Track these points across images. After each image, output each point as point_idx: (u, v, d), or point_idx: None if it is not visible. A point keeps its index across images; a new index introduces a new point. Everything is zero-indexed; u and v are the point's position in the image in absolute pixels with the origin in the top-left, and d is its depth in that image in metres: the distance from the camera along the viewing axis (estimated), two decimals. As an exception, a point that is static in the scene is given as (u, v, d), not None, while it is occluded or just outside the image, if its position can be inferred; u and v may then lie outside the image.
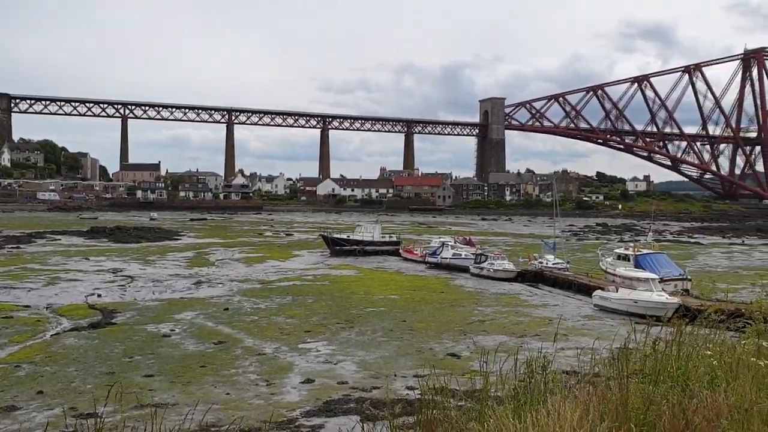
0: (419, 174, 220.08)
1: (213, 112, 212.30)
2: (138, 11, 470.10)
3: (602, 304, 33.96)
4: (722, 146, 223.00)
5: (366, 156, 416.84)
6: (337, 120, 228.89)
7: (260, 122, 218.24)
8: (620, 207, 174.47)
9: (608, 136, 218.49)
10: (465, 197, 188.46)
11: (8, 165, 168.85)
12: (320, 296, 36.57)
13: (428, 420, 5.44)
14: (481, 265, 47.20)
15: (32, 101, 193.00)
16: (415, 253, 59.28)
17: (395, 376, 20.21)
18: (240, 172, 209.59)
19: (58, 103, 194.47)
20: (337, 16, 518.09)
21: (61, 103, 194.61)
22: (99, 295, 35.42)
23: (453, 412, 5.61)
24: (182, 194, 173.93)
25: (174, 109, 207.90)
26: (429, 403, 5.65)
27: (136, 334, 26.08)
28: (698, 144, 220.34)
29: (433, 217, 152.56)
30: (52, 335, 25.64)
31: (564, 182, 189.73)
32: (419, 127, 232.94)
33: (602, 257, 46.27)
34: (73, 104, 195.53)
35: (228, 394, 18.36)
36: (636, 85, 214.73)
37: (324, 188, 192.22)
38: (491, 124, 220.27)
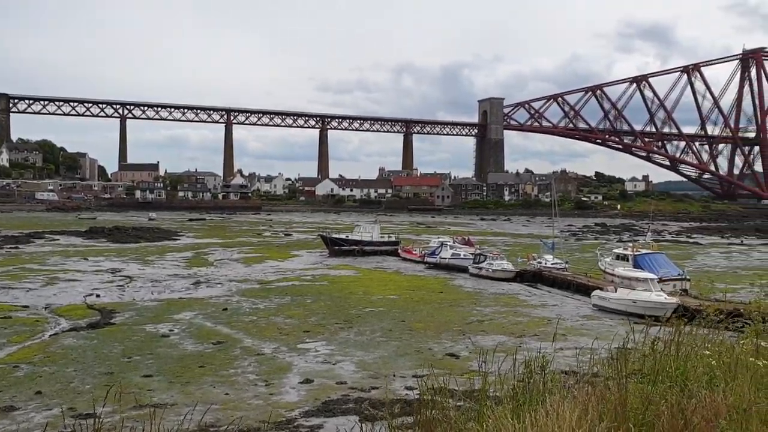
0: (418, 174, 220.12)
1: (212, 112, 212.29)
2: (138, 11, 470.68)
3: (601, 304, 33.96)
4: (721, 146, 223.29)
5: (365, 156, 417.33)
6: (336, 120, 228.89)
7: (259, 122, 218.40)
8: (619, 207, 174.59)
9: (607, 136, 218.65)
10: (464, 197, 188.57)
11: (7, 165, 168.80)
12: (319, 296, 36.55)
13: (427, 420, 5.45)
14: (480, 265, 47.21)
15: (31, 101, 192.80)
16: (413, 253, 59.24)
17: (394, 376, 20.20)
18: (239, 172, 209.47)
19: (56, 103, 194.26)
20: (337, 16, 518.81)
21: (60, 103, 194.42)
22: (98, 296, 35.38)
23: (452, 412, 5.61)
24: (181, 194, 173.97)
25: (173, 109, 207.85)
26: (428, 403, 5.65)
27: (134, 334, 26.05)
28: (697, 144, 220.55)
29: (432, 217, 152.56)
30: (50, 335, 25.62)
31: (563, 182, 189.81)
32: (418, 127, 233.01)
33: (601, 257, 46.31)
34: (71, 104, 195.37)
35: (227, 394, 18.35)
36: (635, 85, 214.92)
37: (323, 188, 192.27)
38: (490, 124, 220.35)
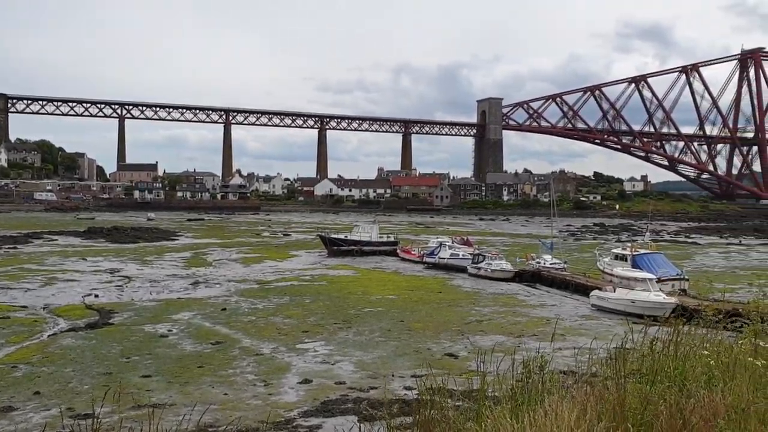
0: (417, 174, 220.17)
1: (210, 112, 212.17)
2: (138, 11, 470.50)
3: (599, 304, 33.98)
4: (719, 146, 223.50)
5: (363, 156, 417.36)
6: (335, 120, 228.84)
7: (258, 122, 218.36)
8: (617, 207, 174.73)
9: (605, 136, 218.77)
10: (462, 197, 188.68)
11: (5, 165, 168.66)
12: (318, 296, 36.53)
13: (426, 420, 5.44)
14: (479, 265, 47.23)
15: (29, 101, 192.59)
16: (412, 253, 59.24)
17: (393, 376, 20.20)
18: (237, 172, 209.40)
19: (55, 103, 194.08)
20: (337, 16, 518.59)
21: (58, 103, 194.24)
22: (96, 296, 35.36)
23: (450, 412, 5.61)
24: (179, 194, 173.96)
25: (171, 109, 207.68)
26: (426, 403, 5.65)
27: (133, 334, 26.04)
28: (695, 144, 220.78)
29: (431, 217, 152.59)
30: (49, 336, 25.60)
31: (561, 182, 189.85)
32: (417, 128, 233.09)
33: (599, 257, 46.31)
34: (70, 104, 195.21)
35: (226, 394, 18.34)
36: (633, 85, 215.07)
37: (321, 188, 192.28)
38: (489, 125, 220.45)
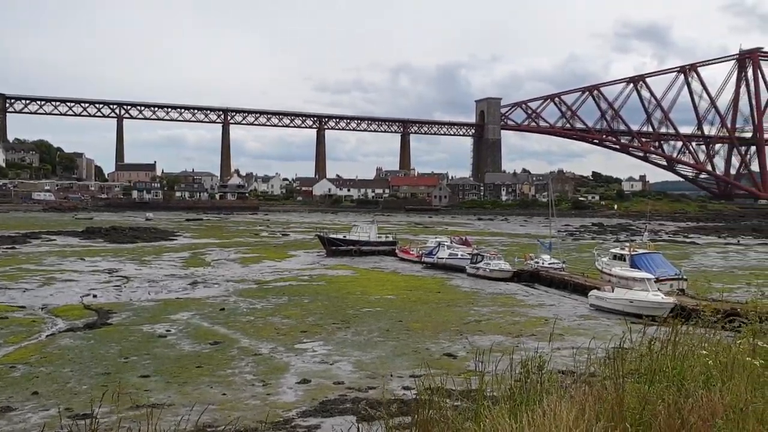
0: (415, 174, 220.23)
1: (209, 112, 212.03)
2: (138, 11, 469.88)
3: (598, 304, 34.00)
4: (717, 146, 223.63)
5: (362, 156, 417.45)
6: (333, 120, 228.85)
7: (256, 122, 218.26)
8: (616, 207, 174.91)
9: (604, 136, 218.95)
10: (461, 197, 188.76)
11: (3, 165, 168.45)
12: (316, 296, 36.51)
13: (424, 420, 5.44)
14: (478, 265, 47.23)
15: (27, 101, 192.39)
16: (411, 253, 59.23)
17: (391, 376, 20.20)
18: (236, 172, 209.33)
19: (53, 103, 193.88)
20: (337, 16, 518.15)
21: (57, 103, 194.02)
22: (94, 296, 35.31)
23: (449, 412, 5.61)
24: (178, 194, 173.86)
25: (169, 109, 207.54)
26: (425, 403, 5.65)
27: (131, 334, 26.01)
28: (694, 144, 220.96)
29: (430, 217, 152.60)
30: (47, 336, 25.56)
31: (560, 182, 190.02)
32: (415, 127, 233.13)
33: (598, 257, 46.30)
34: (68, 104, 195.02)
35: (224, 394, 18.33)
36: (632, 85, 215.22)
37: (320, 188, 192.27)
38: (487, 124, 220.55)
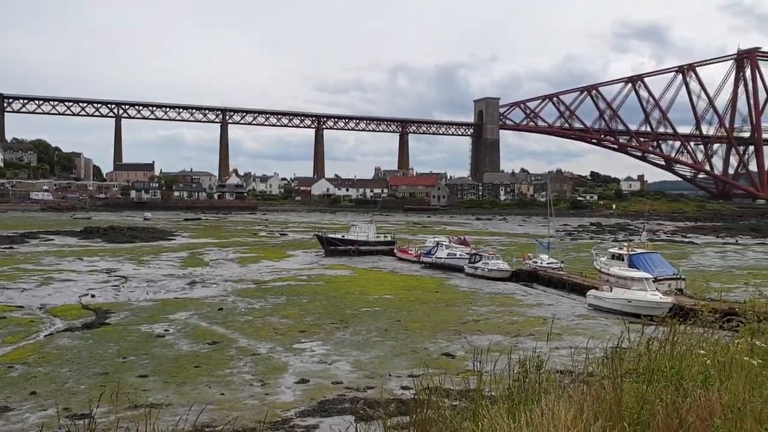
0: (414, 174, 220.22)
1: (207, 111, 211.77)
2: (138, 11, 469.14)
3: (596, 304, 34.02)
4: (716, 146, 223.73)
5: (361, 156, 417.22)
6: (332, 120, 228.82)
7: (254, 122, 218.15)
8: (614, 207, 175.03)
9: (602, 136, 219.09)
10: (460, 197, 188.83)
11: (1, 165, 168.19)
12: (315, 296, 36.51)
13: (423, 420, 5.44)
14: (476, 265, 47.25)
15: (25, 101, 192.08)
16: (409, 252, 59.25)
17: (390, 376, 20.21)
18: (234, 171, 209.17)
19: (51, 102, 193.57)
20: (337, 16, 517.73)
21: (55, 102, 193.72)
22: (93, 296, 35.28)
23: (447, 411, 5.61)
24: (176, 194, 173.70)
25: (168, 109, 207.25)
26: (423, 402, 5.64)
27: (130, 334, 25.99)
28: (692, 144, 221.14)
29: (428, 216, 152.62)
30: (45, 336, 25.54)
31: (558, 182, 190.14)
32: (414, 127, 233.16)
33: (596, 257, 46.30)
34: (66, 104, 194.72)
35: (222, 394, 18.32)
36: (630, 85, 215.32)
37: (319, 188, 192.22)
38: (486, 124, 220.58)
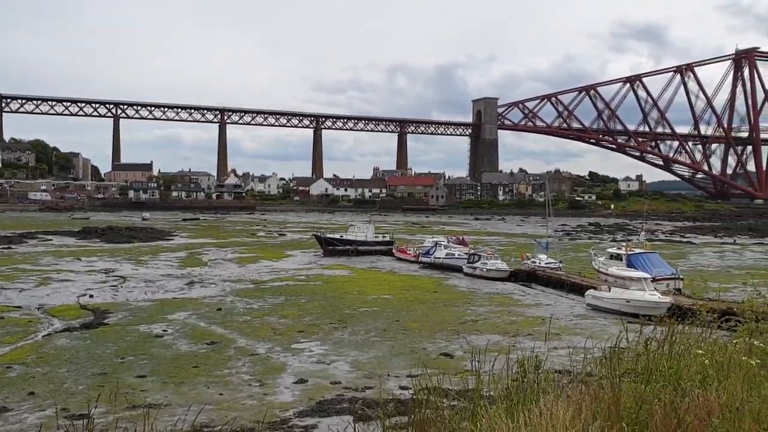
0: (412, 174, 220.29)
1: (205, 111, 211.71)
2: (138, 11, 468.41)
3: (595, 304, 34.03)
4: (714, 146, 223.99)
5: (359, 156, 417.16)
6: (330, 120, 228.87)
7: (253, 122, 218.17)
8: (612, 207, 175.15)
9: (600, 136, 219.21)
10: (458, 197, 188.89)
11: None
12: (313, 296, 36.49)
13: (421, 420, 5.44)
14: (474, 265, 47.25)
15: (24, 101, 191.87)
16: (408, 252, 59.27)
17: (388, 376, 20.20)
18: (233, 172, 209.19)
19: (49, 102, 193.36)
20: (337, 16, 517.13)
21: (53, 102, 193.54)
22: (91, 296, 35.24)
23: (446, 411, 5.61)
24: (174, 194, 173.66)
25: (166, 109, 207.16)
26: (422, 402, 5.64)
27: (128, 334, 25.96)
28: (690, 144, 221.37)
29: (426, 216, 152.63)
30: (43, 336, 25.50)
31: (556, 182, 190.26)
32: (412, 127, 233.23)
33: (595, 257, 46.33)
34: (64, 104, 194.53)
35: (221, 394, 18.30)
36: (628, 85, 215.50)
37: (317, 188, 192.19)
38: (484, 124, 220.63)
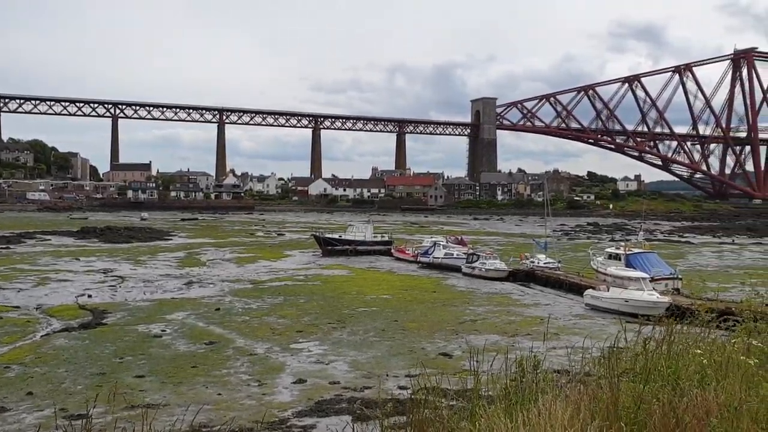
0: (411, 174, 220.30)
1: (204, 111, 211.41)
2: (137, 11, 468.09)
3: (593, 303, 34.05)
4: (712, 146, 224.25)
5: (358, 156, 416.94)
6: (329, 120, 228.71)
7: (251, 122, 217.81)
8: (611, 206, 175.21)
9: (599, 136, 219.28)
10: (457, 197, 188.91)
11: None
12: (312, 296, 36.49)
13: (420, 420, 5.44)
14: (473, 265, 47.26)
15: (22, 101, 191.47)
16: (407, 252, 59.30)
17: (387, 375, 20.19)
18: (231, 171, 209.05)
19: (48, 102, 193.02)
20: (337, 16, 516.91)
21: (51, 102, 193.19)
22: (89, 296, 35.20)
23: (444, 411, 5.61)
24: (173, 194, 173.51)
25: (165, 109, 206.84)
26: (420, 402, 5.64)
27: (126, 334, 25.95)
28: (689, 144, 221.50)
29: (425, 216, 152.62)
30: (42, 336, 25.48)
31: (555, 182, 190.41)
32: (411, 127, 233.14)
33: (593, 256, 46.38)
34: (63, 104, 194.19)
35: (219, 394, 18.30)
36: (627, 85, 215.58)
37: (316, 188, 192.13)
38: (483, 124, 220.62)
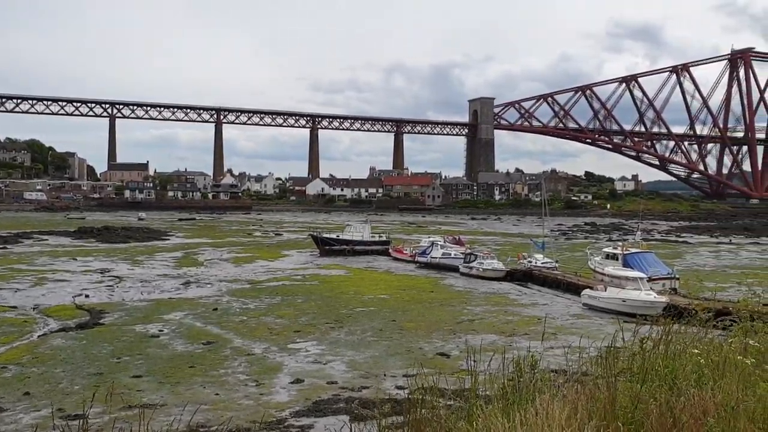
0: (409, 174, 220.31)
1: (201, 111, 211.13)
2: (137, 11, 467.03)
3: (591, 303, 34.07)
4: (710, 146, 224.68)
5: (356, 156, 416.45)
6: (327, 120, 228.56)
7: (249, 122, 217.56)
8: (609, 206, 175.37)
9: (597, 136, 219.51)
10: (454, 197, 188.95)
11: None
12: (310, 296, 36.47)
13: (417, 419, 5.44)
14: (471, 265, 47.26)
15: (19, 100, 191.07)
16: (404, 252, 59.27)
17: (385, 375, 20.20)
18: (229, 171, 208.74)
19: (45, 102, 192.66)
20: (336, 16, 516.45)
21: (48, 102, 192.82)
22: (87, 296, 35.15)
23: (442, 411, 5.61)
24: (171, 194, 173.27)
25: (162, 109, 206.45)
26: (418, 402, 5.65)
27: (124, 334, 25.91)
28: (686, 144, 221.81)
29: (423, 216, 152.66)
30: (39, 336, 25.43)
31: (553, 182, 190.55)
32: (409, 127, 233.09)
33: (591, 256, 46.45)
34: (60, 104, 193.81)
35: (217, 394, 18.28)
36: (624, 85, 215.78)
37: (313, 188, 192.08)
38: (480, 124, 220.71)
